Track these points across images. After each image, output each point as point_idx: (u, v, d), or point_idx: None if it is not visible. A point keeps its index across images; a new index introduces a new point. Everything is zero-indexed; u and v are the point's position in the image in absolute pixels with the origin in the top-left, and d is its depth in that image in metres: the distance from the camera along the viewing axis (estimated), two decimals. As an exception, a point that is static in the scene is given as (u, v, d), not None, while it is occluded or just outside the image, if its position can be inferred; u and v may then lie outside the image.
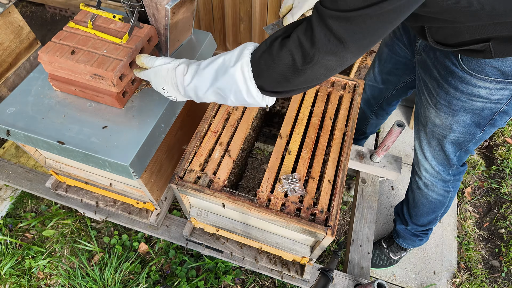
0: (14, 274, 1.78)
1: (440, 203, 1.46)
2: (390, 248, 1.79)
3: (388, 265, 1.81)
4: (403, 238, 1.70)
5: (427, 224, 1.58)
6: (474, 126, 1.11)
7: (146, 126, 1.14)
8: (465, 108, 1.07)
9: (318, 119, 1.23)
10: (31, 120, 1.13)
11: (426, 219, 1.55)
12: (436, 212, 1.51)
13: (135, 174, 1.09)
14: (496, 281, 1.83)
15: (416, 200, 1.51)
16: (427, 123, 1.23)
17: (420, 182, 1.44)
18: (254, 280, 1.76)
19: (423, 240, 1.67)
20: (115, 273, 1.75)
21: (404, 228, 1.67)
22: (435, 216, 1.53)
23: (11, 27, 1.82)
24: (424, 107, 1.22)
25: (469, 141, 1.18)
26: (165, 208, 1.54)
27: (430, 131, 1.24)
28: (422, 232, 1.63)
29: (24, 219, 1.95)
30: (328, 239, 0.99)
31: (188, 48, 1.37)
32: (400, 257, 1.80)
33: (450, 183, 1.38)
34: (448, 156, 1.27)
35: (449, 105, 1.10)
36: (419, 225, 1.60)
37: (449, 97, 1.08)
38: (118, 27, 1.17)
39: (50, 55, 1.09)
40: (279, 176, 1.08)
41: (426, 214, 1.52)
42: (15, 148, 1.99)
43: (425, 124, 1.24)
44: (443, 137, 1.21)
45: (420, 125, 1.29)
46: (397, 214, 1.72)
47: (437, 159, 1.31)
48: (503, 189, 2.11)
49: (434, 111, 1.17)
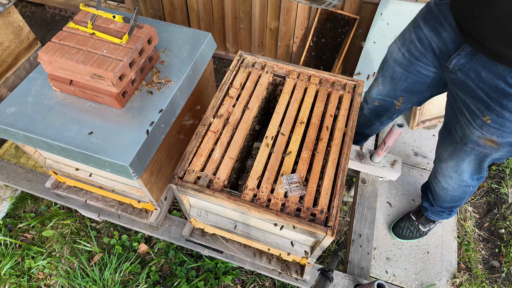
0: (14, 274, 1.78)
1: (460, 198, 1.51)
2: (419, 220, 1.83)
3: (418, 236, 1.86)
4: (431, 211, 1.74)
5: (451, 207, 1.63)
6: None
7: (146, 126, 1.14)
8: None
9: (318, 119, 1.23)
10: (30, 120, 1.13)
11: (449, 205, 1.60)
12: (458, 202, 1.55)
13: (135, 175, 1.09)
14: (496, 282, 1.83)
15: (438, 192, 1.55)
16: (467, 143, 1.17)
17: (440, 185, 1.47)
18: (254, 280, 1.76)
19: (451, 214, 1.71)
20: (115, 274, 1.75)
21: (429, 205, 1.71)
22: (458, 204, 1.58)
23: (11, 27, 1.82)
24: (464, 127, 1.15)
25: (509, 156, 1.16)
26: (165, 208, 1.54)
27: (470, 149, 1.18)
28: (448, 210, 1.67)
29: (24, 219, 1.95)
30: (328, 240, 0.99)
31: (188, 48, 1.37)
32: (429, 228, 1.84)
33: (472, 186, 1.40)
34: (482, 168, 1.25)
35: (501, 127, 1.03)
36: (443, 207, 1.64)
37: (502, 120, 1.01)
38: (118, 27, 1.17)
39: (50, 55, 1.09)
40: (279, 176, 1.08)
41: (449, 202, 1.57)
42: (15, 148, 1.99)
43: (464, 142, 1.18)
44: (485, 156, 1.17)
45: (454, 142, 1.23)
46: (423, 193, 1.75)
47: (468, 171, 1.29)
48: (503, 189, 2.11)
49: (478, 132, 1.10)
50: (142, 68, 1.22)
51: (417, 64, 1.27)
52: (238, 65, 1.38)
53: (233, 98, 1.27)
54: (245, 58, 1.41)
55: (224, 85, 1.30)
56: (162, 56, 1.34)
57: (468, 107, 1.09)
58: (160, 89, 1.24)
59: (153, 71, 1.29)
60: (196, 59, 1.34)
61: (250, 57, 1.41)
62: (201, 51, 1.38)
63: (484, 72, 0.99)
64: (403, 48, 1.29)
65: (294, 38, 2.37)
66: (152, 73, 1.28)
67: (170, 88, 1.24)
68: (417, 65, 1.27)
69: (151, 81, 1.26)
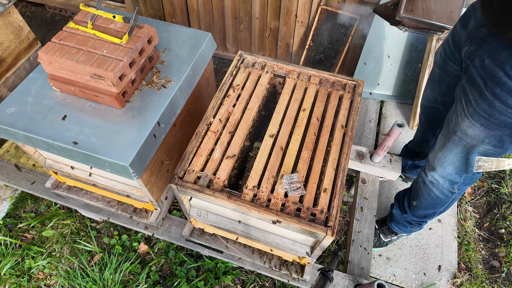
0: (14, 274, 1.78)
1: (441, 201, 1.46)
2: (381, 229, 1.81)
3: (378, 246, 1.84)
4: (396, 222, 1.72)
5: (423, 216, 1.60)
6: (510, 142, 1.07)
7: (146, 126, 1.14)
8: (507, 123, 1.01)
9: (318, 119, 1.23)
10: (31, 120, 1.13)
11: (424, 213, 1.56)
12: (435, 209, 1.51)
13: (135, 175, 1.09)
14: (496, 281, 1.83)
15: (418, 193, 1.52)
16: (456, 131, 1.18)
17: (426, 178, 1.44)
18: (254, 280, 1.76)
19: (415, 229, 1.69)
20: (115, 274, 1.75)
21: (400, 214, 1.69)
22: (433, 212, 1.54)
23: (11, 27, 1.82)
24: (458, 115, 1.16)
25: (498, 155, 1.15)
26: (165, 208, 1.54)
27: (458, 139, 1.18)
28: (416, 222, 1.65)
29: (24, 219, 1.95)
30: (328, 240, 0.99)
31: (188, 48, 1.37)
32: (390, 240, 1.82)
33: (458, 185, 1.37)
34: (469, 163, 1.24)
35: (490, 117, 1.03)
36: (416, 216, 1.62)
37: (492, 110, 1.01)
38: (118, 27, 1.17)
39: (50, 55, 1.09)
40: (279, 176, 1.08)
41: (425, 208, 1.54)
42: (15, 148, 1.99)
43: (454, 131, 1.19)
44: (472, 147, 1.16)
45: (447, 132, 1.24)
46: (397, 200, 1.73)
47: (454, 164, 1.28)
48: (503, 189, 2.11)
49: (468, 121, 1.11)
50: (142, 68, 1.22)
51: (448, 64, 1.29)
52: (238, 65, 1.38)
53: (233, 98, 1.27)
54: (245, 58, 1.41)
55: (224, 85, 1.30)
56: (162, 56, 1.34)
57: (466, 94, 1.11)
58: (160, 89, 1.24)
59: (153, 71, 1.29)
60: (196, 59, 1.34)
61: (250, 57, 1.41)
62: (201, 51, 1.38)
63: (488, 60, 1.00)
64: (441, 48, 1.34)
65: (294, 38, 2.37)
66: (152, 73, 1.28)
67: (170, 88, 1.24)
68: (449, 64, 1.30)
69: (151, 81, 1.26)
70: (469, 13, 1.17)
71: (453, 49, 1.25)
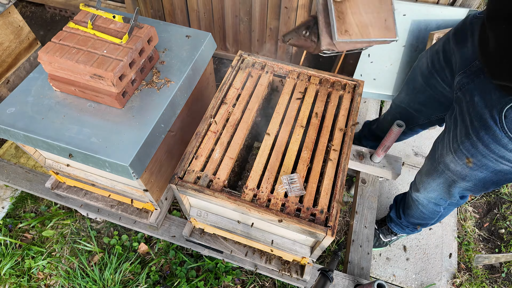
0: (14, 274, 1.78)
1: (428, 218, 1.49)
2: (381, 230, 1.83)
3: (378, 246, 1.86)
4: (395, 223, 1.75)
5: (417, 224, 1.63)
6: (491, 184, 1.06)
7: (146, 126, 1.14)
8: (489, 167, 0.99)
9: (318, 119, 1.23)
10: (31, 120, 1.13)
11: (417, 221, 1.60)
12: (426, 221, 1.54)
13: (135, 175, 1.09)
14: (496, 281, 1.83)
15: (410, 204, 1.56)
16: (440, 163, 1.15)
17: (413, 196, 1.46)
18: (254, 280, 1.76)
19: (413, 232, 1.73)
20: (115, 274, 1.75)
21: (396, 217, 1.72)
22: (426, 223, 1.57)
23: (11, 27, 1.82)
24: (444, 146, 1.14)
25: (478, 192, 1.13)
26: (165, 208, 1.54)
27: (441, 170, 1.16)
28: (412, 227, 1.68)
29: (24, 219, 1.95)
30: (328, 240, 0.99)
31: (188, 48, 1.37)
32: (390, 240, 1.83)
33: (443, 206, 1.37)
34: (452, 194, 1.23)
35: (472, 158, 1.01)
36: (410, 222, 1.65)
37: (474, 151, 0.99)
38: (118, 27, 1.17)
39: (50, 55, 1.09)
40: (279, 176, 1.08)
41: (417, 219, 1.57)
42: (15, 148, 1.99)
43: (438, 162, 1.17)
44: (453, 181, 1.14)
45: (433, 159, 1.21)
46: (394, 203, 1.75)
47: (437, 191, 1.27)
48: (503, 189, 2.11)
49: (452, 156, 1.08)
50: (142, 68, 1.22)
51: (435, 78, 1.25)
52: (238, 65, 1.38)
53: (233, 98, 1.27)
54: (245, 58, 1.41)
55: (224, 85, 1.30)
56: (162, 56, 1.34)
57: (455, 127, 1.07)
58: (160, 89, 1.24)
59: (153, 71, 1.29)
60: (196, 59, 1.34)
61: (250, 57, 1.41)
62: (201, 51, 1.38)
63: (477, 97, 0.96)
64: (429, 58, 1.28)
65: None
66: (152, 73, 1.28)
67: (170, 88, 1.24)
68: (435, 79, 1.25)
69: (151, 81, 1.26)
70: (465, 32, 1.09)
71: (444, 65, 1.19)
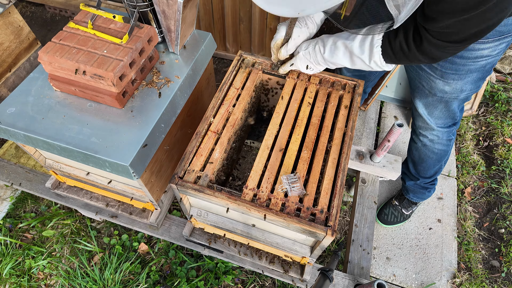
0: (14, 274, 1.78)
1: (444, 152, 1.60)
2: (402, 204, 1.91)
3: (402, 220, 1.93)
4: (414, 192, 1.84)
5: (434, 174, 1.72)
6: (479, 80, 1.25)
7: (146, 126, 1.14)
8: (471, 69, 1.20)
9: (318, 119, 1.23)
10: (31, 120, 1.13)
11: (433, 170, 1.69)
12: (441, 161, 1.65)
13: (135, 174, 1.09)
14: (496, 281, 1.83)
15: (422, 156, 1.64)
16: (436, 93, 1.33)
17: (425, 140, 1.57)
18: (254, 280, 1.76)
19: (431, 191, 1.82)
20: (115, 273, 1.75)
21: (413, 183, 1.79)
22: (440, 165, 1.68)
23: (11, 27, 1.82)
24: (428, 80, 1.32)
25: (474, 93, 1.32)
26: (165, 208, 1.54)
27: (439, 98, 1.34)
28: (430, 184, 1.77)
29: (24, 219, 1.95)
30: (328, 239, 0.99)
31: (189, 48, 1.37)
32: (412, 211, 1.93)
33: (452, 132, 1.53)
34: (454, 112, 1.42)
35: (457, 72, 1.21)
36: (427, 177, 1.73)
37: (455, 66, 1.20)
38: (118, 27, 1.18)
39: (50, 55, 1.09)
40: (279, 176, 1.08)
41: (433, 166, 1.66)
42: (15, 148, 1.99)
43: (433, 93, 1.34)
44: (454, 99, 1.33)
45: (423, 96, 1.40)
46: (404, 173, 1.83)
47: (442, 118, 1.44)
48: (503, 189, 2.11)
49: (441, 81, 1.27)
50: (142, 68, 1.22)
51: None
52: (238, 65, 1.38)
53: (233, 98, 1.27)
54: (245, 58, 1.41)
55: (224, 85, 1.30)
56: (162, 56, 1.34)
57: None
58: (160, 89, 1.24)
59: (153, 71, 1.29)
60: (196, 59, 1.34)
61: (250, 57, 1.41)
62: (201, 51, 1.38)
63: None
64: None
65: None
66: (152, 73, 1.28)
67: (170, 88, 1.24)
68: None
69: (151, 81, 1.26)
70: None
71: None
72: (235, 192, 1.05)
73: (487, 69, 1.22)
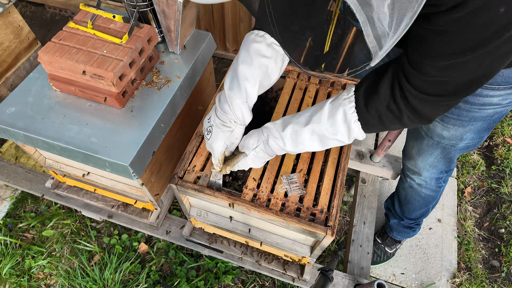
0: (14, 274, 1.78)
1: (432, 198, 1.50)
2: (385, 242, 1.81)
3: (386, 259, 1.84)
4: (397, 231, 1.73)
5: (419, 217, 1.62)
6: (484, 130, 1.12)
7: (146, 126, 1.14)
8: (476, 117, 1.06)
9: (318, 119, 1.23)
10: (31, 120, 1.13)
11: (419, 213, 1.59)
12: (428, 205, 1.55)
13: (135, 174, 1.09)
14: (496, 281, 1.83)
15: (408, 197, 1.55)
16: (433, 136, 1.21)
17: (412, 182, 1.47)
18: (254, 280, 1.76)
19: (416, 230, 1.72)
20: (115, 273, 1.75)
21: (397, 222, 1.70)
22: (427, 209, 1.58)
23: (11, 27, 1.82)
24: None
25: (477, 144, 1.19)
26: (165, 208, 1.54)
27: (436, 142, 1.22)
28: (415, 224, 1.67)
29: (24, 219, 1.95)
30: (328, 239, 0.99)
31: (189, 48, 1.37)
32: (395, 249, 1.83)
33: (443, 179, 1.42)
34: (451, 161, 1.29)
35: (459, 117, 1.08)
36: (412, 218, 1.63)
37: (458, 111, 1.07)
38: (118, 27, 1.17)
39: (50, 55, 1.09)
40: (279, 176, 1.08)
41: (419, 209, 1.56)
42: (15, 148, 1.99)
43: (430, 136, 1.22)
44: (452, 147, 1.20)
45: (419, 138, 1.28)
46: (388, 209, 1.74)
47: (436, 166, 1.32)
48: (503, 189, 2.11)
49: (441, 125, 1.15)
50: (142, 68, 1.22)
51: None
52: (238, 65, 1.38)
53: (233, 98, 1.27)
54: (245, 58, 1.41)
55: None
56: (162, 56, 1.34)
57: None
58: (160, 89, 1.24)
59: (153, 71, 1.29)
60: (196, 59, 1.34)
61: (250, 57, 1.40)
62: (201, 51, 1.38)
63: None
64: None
65: (294, 38, 2.37)
66: (152, 73, 1.28)
67: (170, 88, 1.24)
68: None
69: (151, 81, 1.26)
70: None
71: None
72: (235, 192, 1.05)
73: (494, 119, 1.07)
